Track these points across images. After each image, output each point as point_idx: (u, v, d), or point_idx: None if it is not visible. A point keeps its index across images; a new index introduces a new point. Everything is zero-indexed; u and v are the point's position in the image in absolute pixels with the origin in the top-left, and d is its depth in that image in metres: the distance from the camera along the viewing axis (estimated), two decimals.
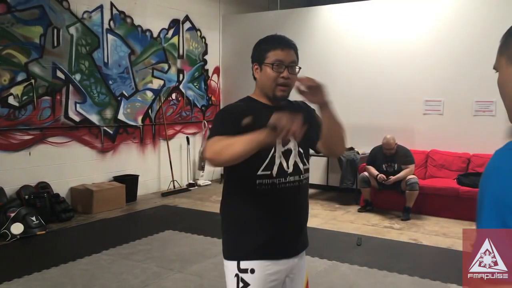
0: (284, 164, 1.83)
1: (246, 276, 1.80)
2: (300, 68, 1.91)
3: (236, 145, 1.62)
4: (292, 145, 1.86)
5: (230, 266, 1.84)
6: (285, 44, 1.90)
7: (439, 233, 5.37)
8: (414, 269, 4.18)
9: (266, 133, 1.55)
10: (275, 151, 1.81)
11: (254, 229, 1.84)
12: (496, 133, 6.34)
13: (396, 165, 6.14)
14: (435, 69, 6.72)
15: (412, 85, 6.90)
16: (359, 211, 6.41)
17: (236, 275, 1.81)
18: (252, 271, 1.80)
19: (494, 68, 1.06)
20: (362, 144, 7.16)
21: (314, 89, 1.76)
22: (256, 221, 1.84)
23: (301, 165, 1.88)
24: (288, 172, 1.83)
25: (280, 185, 1.82)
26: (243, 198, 1.85)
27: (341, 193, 7.27)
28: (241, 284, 1.80)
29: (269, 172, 1.80)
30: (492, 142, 6.35)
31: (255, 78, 1.92)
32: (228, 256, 1.87)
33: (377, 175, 6.12)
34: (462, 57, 6.54)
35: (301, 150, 1.90)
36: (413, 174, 6.08)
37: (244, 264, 1.81)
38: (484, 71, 6.37)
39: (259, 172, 1.79)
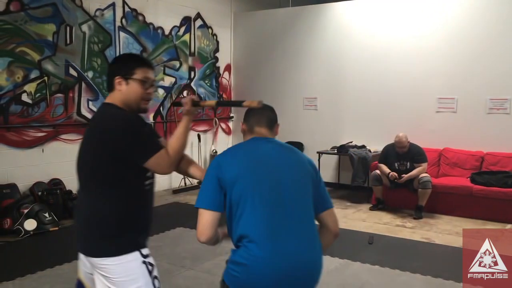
0: None
1: (149, 259, 2.05)
2: (157, 87, 2.20)
3: (185, 141, 2.09)
4: None
5: (133, 258, 2.00)
6: (150, 64, 2.13)
7: (452, 232, 5.32)
8: (426, 268, 4.14)
9: (190, 116, 2.15)
10: None
11: (142, 222, 2.10)
12: (511, 131, 6.27)
13: (408, 164, 6.09)
14: (448, 66, 6.65)
15: (425, 82, 6.83)
16: (371, 209, 6.37)
17: (144, 261, 2.03)
18: (150, 254, 2.09)
19: None
20: (374, 142, 7.11)
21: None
22: (142, 215, 2.10)
23: None
24: (150, 176, 2.11)
25: (152, 185, 2.14)
26: (133, 196, 2.04)
27: (352, 191, 7.23)
28: (150, 267, 2.04)
29: (151, 174, 2.08)
30: (506, 140, 6.28)
31: (111, 89, 2.06)
32: (125, 250, 1.99)
33: (389, 173, 6.08)
34: (476, 54, 6.46)
35: None
36: (426, 173, 6.02)
37: (144, 251, 2.05)
38: (498, 68, 6.32)
39: (148, 174, 2.06)
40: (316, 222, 2.02)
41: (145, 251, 2.05)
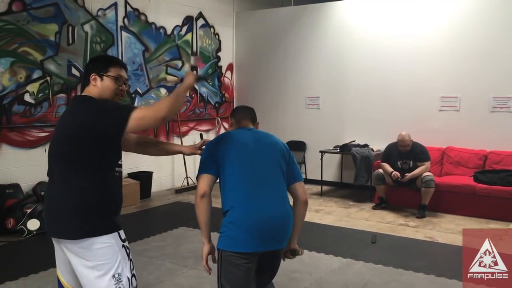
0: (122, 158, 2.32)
1: (126, 243, 2.21)
2: (130, 85, 2.31)
3: (180, 100, 2.17)
4: None
5: (113, 239, 2.13)
6: (123, 64, 2.34)
7: (455, 231, 5.30)
8: (430, 267, 4.13)
9: (190, 82, 2.21)
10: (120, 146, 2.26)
11: (116, 205, 2.23)
12: None
13: (411, 162, 6.07)
14: (451, 65, 6.63)
15: (427, 81, 6.81)
16: (374, 208, 6.36)
17: (123, 245, 2.18)
18: (126, 238, 2.23)
19: None
20: (376, 141, 7.10)
21: None
22: (116, 199, 2.23)
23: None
24: (121, 164, 2.31)
25: (121, 174, 2.33)
26: (108, 181, 2.18)
27: (355, 190, 7.22)
28: (127, 251, 2.20)
29: (121, 162, 2.29)
30: (509, 139, 6.27)
31: (86, 85, 2.25)
32: (106, 230, 2.12)
33: (392, 172, 6.07)
34: (479, 53, 6.44)
35: None
36: (429, 171, 6.01)
37: (122, 234, 2.19)
38: (502, 67, 6.30)
39: (119, 162, 2.26)
40: (290, 197, 2.50)
41: (122, 234, 2.20)
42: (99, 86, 2.21)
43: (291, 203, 2.48)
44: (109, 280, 2.08)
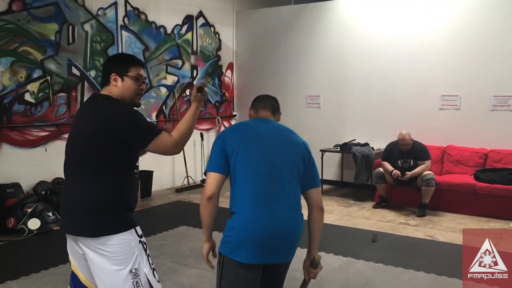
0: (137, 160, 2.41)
1: (143, 239, 2.25)
2: (148, 84, 2.41)
3: (192, 125, 2.27)
4: None
5: (131, 237, 2.18)
6: (142, 63, 2.38)
7: (456, 229, 5.30)
8: (430, 266, 4.13)
9: (197, 102, 2.35)
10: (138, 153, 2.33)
11: (132, 204, 2.31)
12: None
13: (412, 161, 6.07)
14: (452, 64, 6.62)
15: (428, 79, 6.81)
16: (374, 207, 6.36)
17: (140, 241, 2.22)
18: (143, 234, 2.26)
19: None
20: (377, 140, 7.10)
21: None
22: (133, 198, 2.30)
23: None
24: (137, 165, 2.36)
25: (137, 175, 2.46)
26: (126, 181, 2.24)
27: (355, 189, 7.22)
28: (144, 246, 2.23)
29: (137, 165, 2.30)
30: (510, 137, 6.26)
31: (105, 84, 2.27)
32: (124, 228, 2.17)
33: (392, 171, 6.07)
34: (480, 51, 6.43)
35: None
36: (429, 170, 6.01)
37: (138, 230, 2.23)
38: (502, 65, 6.29)
39: (136, 164, 2.33)
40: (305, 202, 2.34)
41: (139, 230, 2.24)
42: (120, 86, 2.24)
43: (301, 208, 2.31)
44: (127, 274, 2.14)
